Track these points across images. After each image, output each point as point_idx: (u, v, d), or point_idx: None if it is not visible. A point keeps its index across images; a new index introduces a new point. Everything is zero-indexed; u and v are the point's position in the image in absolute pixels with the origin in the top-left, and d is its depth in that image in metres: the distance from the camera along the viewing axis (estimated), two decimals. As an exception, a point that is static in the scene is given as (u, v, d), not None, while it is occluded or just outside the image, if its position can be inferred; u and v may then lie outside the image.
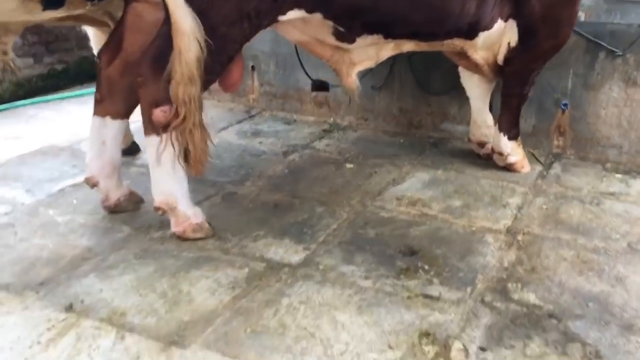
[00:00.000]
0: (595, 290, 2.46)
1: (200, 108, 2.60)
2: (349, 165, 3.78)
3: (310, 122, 4.67)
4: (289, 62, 4.61)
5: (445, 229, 2.95)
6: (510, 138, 3.60)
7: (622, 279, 2.54)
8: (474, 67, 3.47)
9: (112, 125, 3.02)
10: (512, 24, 3.20)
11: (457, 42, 3.17)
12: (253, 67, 4.86)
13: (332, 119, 4.66)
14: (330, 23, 2.87)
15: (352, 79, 3.23)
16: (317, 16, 2.80)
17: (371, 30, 2.96)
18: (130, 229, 2.92)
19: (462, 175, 3.63)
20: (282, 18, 2.74)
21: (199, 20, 2.44)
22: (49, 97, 4.96)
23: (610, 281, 2.52)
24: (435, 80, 4.24)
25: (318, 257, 2.67)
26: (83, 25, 3.60)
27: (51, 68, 5.16)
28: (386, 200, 3.29)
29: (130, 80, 2.72)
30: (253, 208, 3.17)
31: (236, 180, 3.52)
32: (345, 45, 3.04)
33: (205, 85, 2.63)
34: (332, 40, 2.99)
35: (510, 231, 2.95)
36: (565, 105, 3.88)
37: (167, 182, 2.72)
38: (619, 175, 3.64)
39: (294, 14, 2.75)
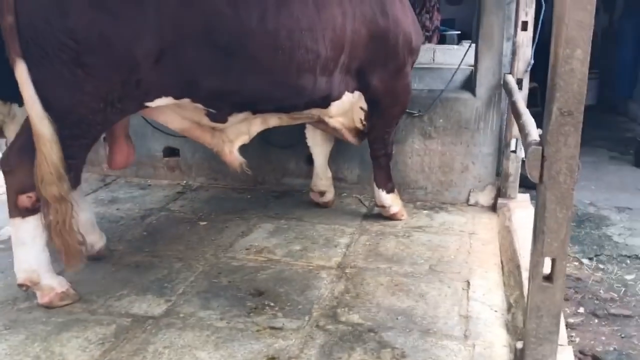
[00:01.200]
0: (403, 306, 3.12)
1: (72, 203, 2.89)
2: (202, 223, 4.23)
3: (165, 185, 5.06)
4: (140, 131, 4.96)
5: (287, 271, 3.50)
6: (388, 192, 4.18)
7: (424, 294, 3.24)
8: (334, 131, 4.00)
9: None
10: (359, 95, 3.80)
11: (315, 112, 3.69)
12: (105, 138, 5.15)
13: (184, 181, 5.09)
14: (200, 106, 3.24)
15: (235, 156, 3.64)
16: (186, 101, 3.15)
17: (239, 109, 3.37)
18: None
19: (302, 222, 4.23)
20: (150, 104, 3.06)
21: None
22: None
23: (415, 297, 3.21)
24: (276, 137, 4.84)
25: (178, 307, 3.08)
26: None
27: None
28: (237, 250, 3.78)
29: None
30: (115, 270, 3.49)
31: (97, 247, 3.81)
32: (219, 125, 3.43)
33: (71, 168, 2.91)
34: (207, 121, 3.38)
35: (340, 266, 3.57)
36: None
37: (28, 260, 2.97)
38: (425, 211, 4.47)
39: (162, 101, 3.07)
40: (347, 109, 3.81)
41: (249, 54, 3.10)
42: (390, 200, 4.22)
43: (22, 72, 2.70)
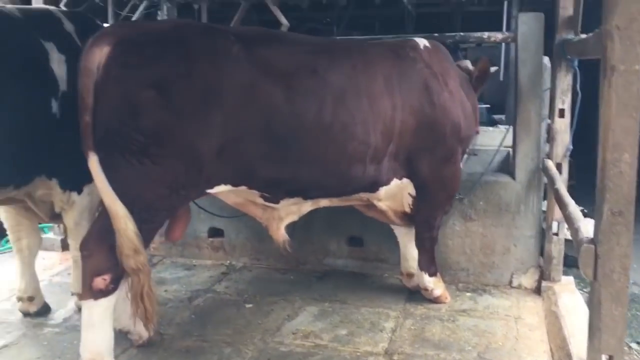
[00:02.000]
0: (454, 396, 3.11)
1: (149, 273, 3.14)
2: (248, 305, 4.31)
3: (209, 265, 5.18)
4: (186, 213, 5.15)
5: (335, 357, 3.53)
6: (430, 275, 4.21)
7: (474, 383, 3.24)
8: (382, 215, 4.11)
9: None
10: (408, 182, 3.91)
11: (363, 196, 3.85)
12: (153, 219, 5.35)
13: (228, 261, 5.21)
14: (255, 192, 3.48)
15: (281, 232, 3.79)
16: (243, 188, 3.41)
17: (291, 195, 3.59)
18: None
19: (346, 305, 4.28)
20: (210, 191, 3.33)
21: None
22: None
23: (465, 386, 3.21)
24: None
25: (231, 396, 3.12)
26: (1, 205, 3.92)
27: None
28: (284, 335, 3.82)
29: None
30: (168, 356, 3.57)
31: (148, 331, 3.90)
32: (272, 204, 3.65)
33: None
34: (260, 201, 3.60)
35: (387, 352, 3.58)
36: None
37: (95, 341, 3.12)
38: (468, 294, 4.48)
39: (221, 188, 3.34)
40: (395, 193, 3.93)
41: (304, 146, 3.35)
42: (433, 284, 4.25)
43: (94, 163, 3.04)
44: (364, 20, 14.00)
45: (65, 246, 5.43)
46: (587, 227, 2.51)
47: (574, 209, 2.85)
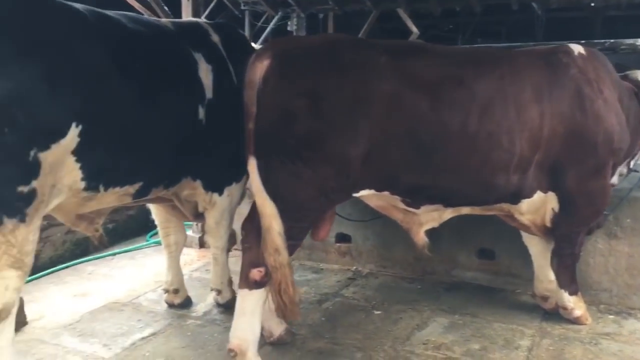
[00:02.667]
0: None
1: (291, 271, 3.31)
2: (376, 312, 4.33)
3: (336, 270, 5.26)
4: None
5: (469, 372, 3.46)
6: (570, 293, 4.01)
7: (623, 413, 3.02)
8: (524, 228, 4.01)
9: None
10: (552, 195, 3.72)
11: (505, 206, 3.77)
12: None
13: (354, 267, 5.27)
14: (397, 197, 3.57)
15: (421, 236, 3.80)
16: (386, 193, 3.52)
17: (432, 201, 3.63)
18: (201, 378, 3.41)
19: (477, 319, 4.17)
20: (356, 195, 3.48)
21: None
22: (102, 254, 5.57)
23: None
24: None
25: (366, 401, 3.15)
26: (151, 203, 4.25)
27: (103, 226, 5.81)
28: (414, 344, 3.80)
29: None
30: (301, 356, 3.67)
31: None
32: (413, 210, 3.70)
33: (292, 250, 3.37)
34: (402, 205, 3.67)
35: (524, 372, 3.46)
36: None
37: (245, 330, 3.36)
38: (611, 316, 4.19)
39: (365, 192, 3.49)
40: (538, 207, 3.78)
41: (447, 154, 3.37)
42: (573, 303, 4.03)
43: (252, 166, 3.30)
44: (491, 27, 13.60)
45: (202, 244, 5.79)
46: None
47: None
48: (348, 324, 4.12)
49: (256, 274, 3.31)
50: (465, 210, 3.83)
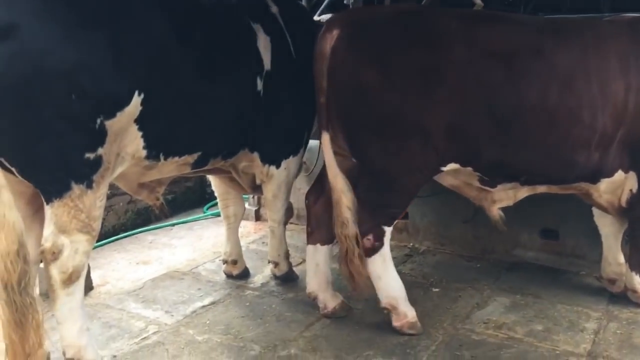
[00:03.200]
0: (675, 412, 2.79)
1: (354, 246, 3.39)
2: (435, 289, 4.27)
3: (392, 246, 5.11)
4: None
5: (532, 352, 3.36)
6: None
7: (699, 402, 2.88)
8: (601, 208, 3.84)
9: (323, 251, 3.84)
10: (632, 175, 3.55)
11: (584, 186, 3.63)
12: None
13: (411, 244, 5.19)
14: (477, 174, 3.53)
15: (495, 212, 3.78)
16: (469, 169, 3.49)
17: (510, 179, 3.56)
18: (260, 347, 3.44)
19: (540, 300, 4.04)
20: (444, 168, 3.48)
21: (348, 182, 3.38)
22: (162, 224, 5.70)
23: (688, 404, 2.86)
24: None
25: (425, 377, 3.11)
26: (210, 174, 4.29)
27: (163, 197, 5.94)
28: (474, 323, 3.72)
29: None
30: (359, 330, 3.66)
31: (339, 303, 4.03)
32: (488, 188, 3.65)
33: (395, 215, 3.53)
34: (477, 184, 3.64)
35: (590, 355, 3.32)
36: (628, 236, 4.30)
37: (387, 289, 3.58)
38: (685, 301, 3.98)
39: (452, 166, 3.47)
40: (617, 187, 3.61)
41: (526, 129, 3.26)
42: None
43: (326, 141, 3.41)
44: (553, 1, 13.00)
45: (258, 217, 5.84)
46: None
47: None
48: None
49: (366, 242, 3.45)
50: (541, 188, 3.69)
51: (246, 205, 5.98)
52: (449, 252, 5.02)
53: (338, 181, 3.40)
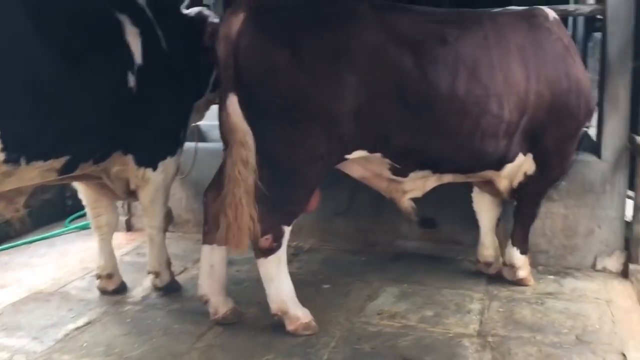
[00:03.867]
0: (562, 379, 2.98)
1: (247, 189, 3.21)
2: (325, 286, 4.22)
3: (276, 246, 5.07)
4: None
5: (428, 338, 3.42)
6: (522, 252, 4.08)
7: (580, 367, 3.10)
8: (495, 192, 4.01)
9: (219, 251, 3.56)
10: (529, 156, 3.75)
11: (489, 174, 3.76)
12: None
13: (295, 242, 5.10)
14: (387, 161, 3.48)
15: (406, 203, 3.79)
16: (377, 155, 3.43)
17: (422, 167, 3.56)
18: (149, 366, 3.15)
19: (426, 287, 4.15)
20: (348, 157, 3.40)
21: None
22: (17, 242, 5.06)
23: (571, 371, 3.07)
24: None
25: (329, 375, 3.03)
26: (77, 181, 3.88)
27: (19, 211, 5.29)
28: (369, 315, 3.72)
29: None
30: (254, 334, 3.49)
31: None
32: (399, 178, 3.63)
33: (295, 213, 3.38)
34: (388, 174, 3.60)
35: (480, 334, 3.46)
36: (499, 220, 4.58)
37: (278, 293, 3.42)
38: (551, 276, 4.31)
39: (358, 154, 3.40)
40: (515, 171, 3.80)
41: (437, 117, 3.30)
42: (522, 262, 4.09)
43: (233, 102, 3.18)
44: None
45: (130, 226, 5.42)
46: None
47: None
48: (298, 299, 3.95)
49: (264, 242, 3.32)
50: (447, 178, 3.78)
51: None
52: (333, 247, 5.01)
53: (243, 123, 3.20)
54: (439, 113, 3.30)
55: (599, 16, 4.47)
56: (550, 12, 3.78)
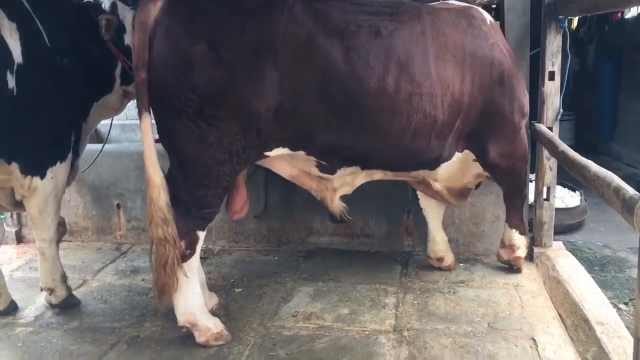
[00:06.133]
0: (476, 369, 2.99)
1: (176, 246, 3.06)
2: (237, 290, 4.05)
3: (184, 250, 4.83)
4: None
5: (344, 338, 3.34)
6: (521, 233, 4.02)
7: (493, 356, 3.12)
8: (434, 194, 3.89)
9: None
10: (468, 152, 3.61)
11: (422, 173, 3.63)
12: (118, 205, 4.96)
13: (204, 245, 4.88)
14: (312, 158, 3.32)
15: (337, 204, 3.65)
16: (301, 153, 3.26)
17: (350, 164, 3.40)
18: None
19: (340, 284, 4.08)
20: (268, 154, 3.22)
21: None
22: None
23: (485, 359, 3.09)
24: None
25: (244, 387, 2.88)
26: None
27: None
28: (283, 318, 3.59)
29: None
30: (162, 349, 3.27)
31: (134, 323, 3.57)
32: (327, 175, 3.47)
33: (210, 217, 3.19)
34: (316, 171, 3.44)
35: (396, 329, 3.42)
36: (409, 210, 4.60)
37: (186, 305, 3.20)
38: (461, 264, 4.38)
39: (279, 151, 3.23)
40: (456, 170, 3.68)
41: (365, 114, 3.13)
42: (522, 243, 4.06)
43: (146, 125, 2.97)
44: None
45: (20, 238, 5.00)
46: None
47: (599, 169, 2.75)
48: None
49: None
50: (378, 175, 3.68)
51: (4, 226, 5.09)
52: (244, 248, 4.85)
53: (156, 176, 3.02)
54: (366, 110, 3.12)
55: (494, 5, 4.54)
56: (487, 16, 3.65)
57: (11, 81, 3.19)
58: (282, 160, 3.47)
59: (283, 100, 2.99)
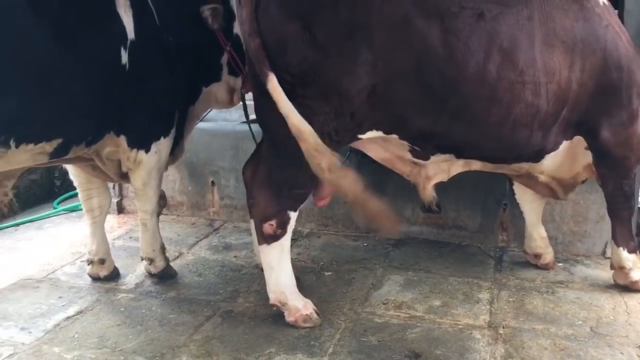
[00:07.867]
0: (580, 375, 2.85)
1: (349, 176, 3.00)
2: (327, 273, 4.05)
3: (274, 231, 4.89)
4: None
5: (436, 330, 3.27)
6: (630, 251, 3.64)
7: (597, 362, 2.96)
8: (542, 187, 3.70)
9: None
10: (579, 139, 3.40)
11: (524, 166, 3.48)
12: (213, 182, 5.09)
13: (294, 227, 4.92)
14: (406, 143, 3.27)
15: (429, 191, 3.55)
16: (394, 137, 3.21)
17: (443, 151, 3.31)
18: (144, 358, 2.96)
19: (431, 274, 4.00)
20: (362, 136, 3.18)
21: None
22: (4, 224, 4.84)
23: (588, 365, 2.94)
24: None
25: (336, 370, 2.87)
26: (69, 164, 3.67)
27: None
28: (374, 305, 3.56)
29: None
30: (255, 325, 3.32)
31: (228, 298, 3.65)
32: (420, 161, 3.41)
33: (301, 198, 3.18)
34: (409, 156, 3.38)
35: (491, 326, 3.31)
36: (506, 204, 4.43)
37: (277, 284, 3.25)
38: (560, 264, 4.17)
39: (372, 134, 3.18)
40: (563, 161, 3.50)
41: (462, 102, 3.02)
42: (632, 263, 3.65)
43: (274, 84, 2.87)
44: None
45: (121, 209, 5.22)
46: None
47: None
48: (300, 287, 3.75)
49: (268, 228, 3.16)
50: (476, 165, 3.54)
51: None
52: (333, 232, 4.84)
53: (304, 123, 2.87)
54: (464, 97, 3.01)
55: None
56: None
57: (124, 57, 3.30)
58: (375, 144, 3.40)
59: (377, 81, 2.93)
